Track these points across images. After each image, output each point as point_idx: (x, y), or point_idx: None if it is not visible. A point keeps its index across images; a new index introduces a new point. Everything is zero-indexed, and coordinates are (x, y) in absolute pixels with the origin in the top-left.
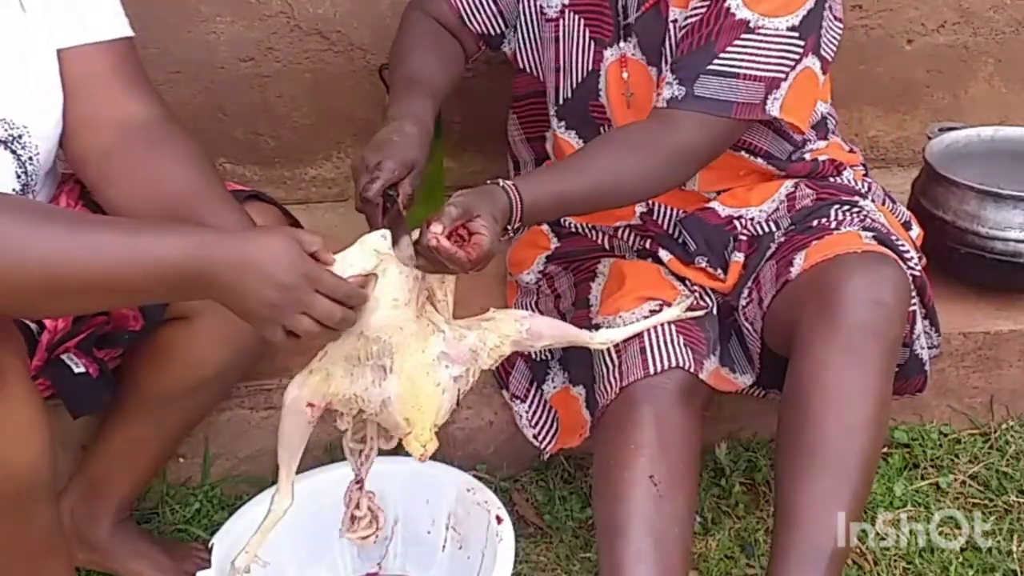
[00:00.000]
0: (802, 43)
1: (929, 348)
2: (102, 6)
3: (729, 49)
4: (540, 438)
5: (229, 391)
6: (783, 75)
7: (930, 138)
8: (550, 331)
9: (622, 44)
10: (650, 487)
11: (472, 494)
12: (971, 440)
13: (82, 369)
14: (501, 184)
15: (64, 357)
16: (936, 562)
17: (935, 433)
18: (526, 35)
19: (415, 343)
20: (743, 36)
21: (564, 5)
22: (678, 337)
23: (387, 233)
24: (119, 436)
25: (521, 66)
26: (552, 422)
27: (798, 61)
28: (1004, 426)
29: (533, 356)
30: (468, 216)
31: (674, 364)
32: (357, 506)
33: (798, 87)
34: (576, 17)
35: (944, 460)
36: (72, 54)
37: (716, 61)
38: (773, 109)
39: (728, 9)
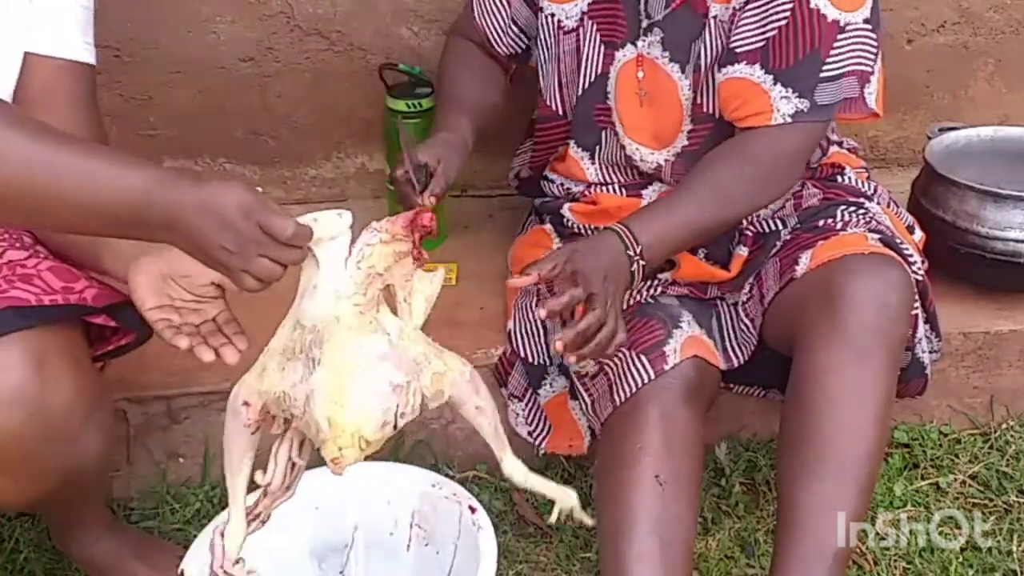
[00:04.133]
0: (875, 34)
1: (930, 352)
2: (78, 28)
3: (832, 53)
4: (534, 435)
5: None
6: (869, 67)
7: (930, 138)
8: (480, 403)
9: (639, 43)
10: (655, 487)
11: (438, 489)
12: (971, 440)
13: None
14: (621, 235)
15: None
16: (936, 562)
17: (935, 433)
18: (545, 54)
19: (350, 336)
20: (839, 37)
21: (583, 12)
22: (632, 355)
23: (344, 212)
24: None
25: (540, 87)
26: (547, 424)
27: (878, 51)
28: (1004, 426)
29: (531, 360)
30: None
31: (640, 385)
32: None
33: (880, 79)
34: (591, 24)
35: (944, 460)
36: (35, 60)
37: (826, 67)
38: (871, 102)
39: (819, 11)
